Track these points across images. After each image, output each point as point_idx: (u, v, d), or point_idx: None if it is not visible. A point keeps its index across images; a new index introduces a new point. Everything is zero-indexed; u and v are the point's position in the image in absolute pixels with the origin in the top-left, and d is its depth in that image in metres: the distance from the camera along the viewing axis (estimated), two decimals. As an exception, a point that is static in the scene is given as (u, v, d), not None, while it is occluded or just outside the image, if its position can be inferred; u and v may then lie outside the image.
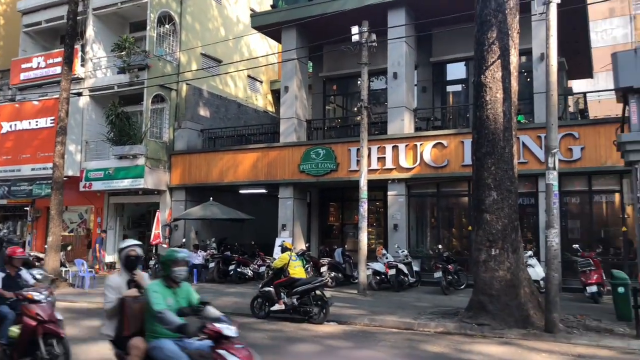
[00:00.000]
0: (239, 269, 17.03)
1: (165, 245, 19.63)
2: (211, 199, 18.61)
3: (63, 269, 16.75)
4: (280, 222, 18.21)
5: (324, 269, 15.79)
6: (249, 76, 26.11)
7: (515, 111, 10.80)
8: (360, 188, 14.42)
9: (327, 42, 18.43)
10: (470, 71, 17.60)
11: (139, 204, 21.90)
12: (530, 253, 13.55)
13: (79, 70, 20.67)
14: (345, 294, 14.07)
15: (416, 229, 17.49)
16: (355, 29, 14.48)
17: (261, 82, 27.25)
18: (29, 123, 21.54)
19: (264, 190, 20.53)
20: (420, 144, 16.09)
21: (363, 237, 14.28)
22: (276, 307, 10.69)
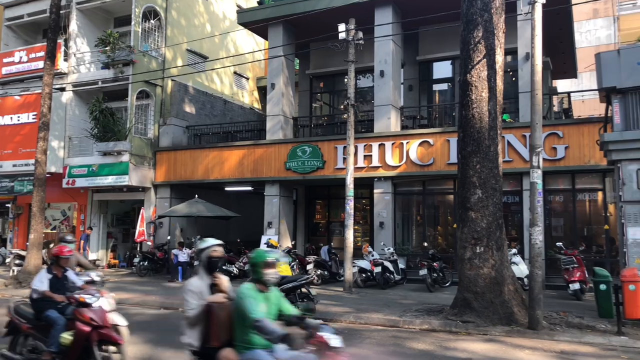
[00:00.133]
0: (224, 267, 16.95)
1: (150, 243, 19.50)
2: (196, 196, 18.48)
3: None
4: (266, 220, 18.16)
5: (310, 267, 15.77)
6: (235, 73, 25.97)
7: (501, 110, 10.87)
8: (347, 186, 14.42)
9: (314, 40, 18.38)
10: (457, 70, 17.70)
11: (123, 201, 21.69)
12: (514, 251, 13.68)
13: (61, 65, 20.36)
14: (331, 292, 14.08)
15: (402, 227, 17.56)
16: (342, 27, 14.47)
17: (247, 79, 27.12)
18: (10, 118, 21.21)
19: (249, 188, 20.45)
20: (407, 142, 16.14)
21: (349, 235, 14.29)
22: (261, 305, 10.63)
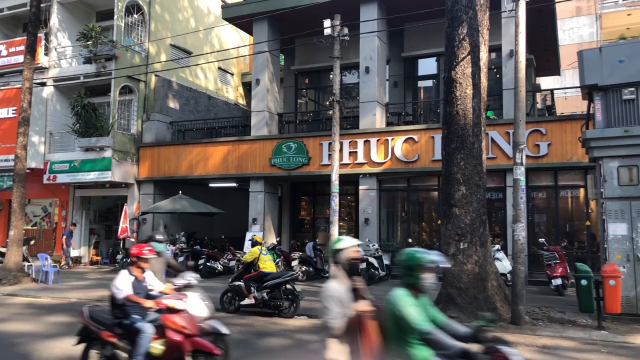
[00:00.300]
0: (208, 263, 16.84)
1: (133, 240, 19.30)
2: (180, 192, 18.33)
3: (26, 264, 16.28)
4: (251, 216, 18.08)
5: (295, 263, 15.74)
6: (219, 68, 25.77)
7: (485, 107, 10.93)
8: (332, 182, 14.41)
9: (299, 35, 18.32)
10: (441, 67, 17.75)
11: (106, 197, 21.45)
12: (497, 247, 13.79)
13: (42, 59, 20.04)
14: (316, 288, 14.06)
15: (387, 223, 17.61)
16: (327, 22, 14.41)
17: (232, 75, 26.95)
18: (-10, 113, 20.81)
19: (234, 184, 20.33)
20: (392, 139, 16.17)
21: (334, 231, 14.29)
22: (246, 302, 10.60)
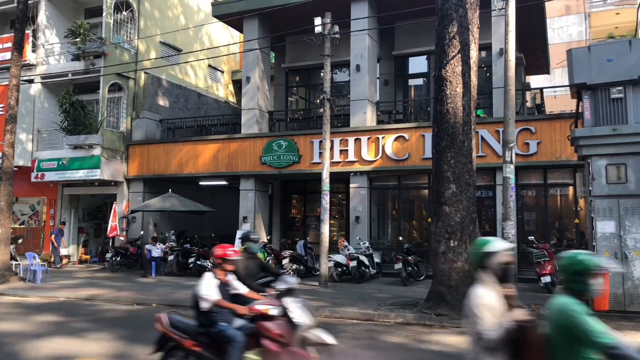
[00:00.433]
0: (198, 262, 16.75)
1: (122, 238, 19.19)
2: (170, 190, 18.24)
3: (13, 263, 16.11)
4: (242, 215, 18.02)
5: (285, 261, 15.71)
6: (209, 66, 25.64)
7: (475, 105, 10.96)
8: (323, 180, 14.40)
9: (290, 33, 18.26)
10: (432, 65, 17.78)
11: (95, 195, 21.27)
12: (487, 244, 13.82)
13: (30, 56, 19.82)
14: (306, 286, 14.05)
15: (377, 221, 17.63)
16: (318, 20, 14.40)
17: (222, 72, 26.82)
18: (-24, 110, 20.56)
19: (224, 182, 20.27)
20: (382, 137, 16.18)
21: (325, 230, 14.29)
22: (236, 300, 10.55)
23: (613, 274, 9.69)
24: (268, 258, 15.40)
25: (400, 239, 16.26)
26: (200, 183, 20.81)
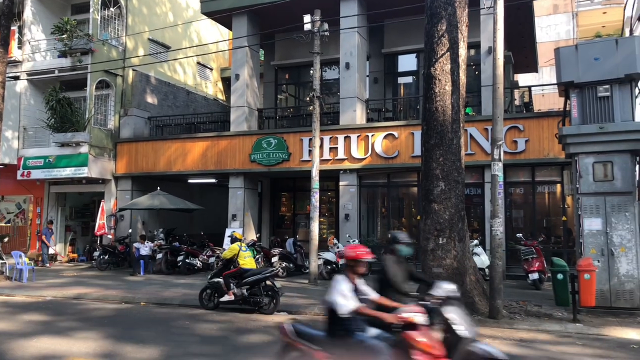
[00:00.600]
0: (187, 260, 16.70)
1: (110, 236, 19.04)
2: (159, 188, 18.12)
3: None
4: (231, 213, 17.96)
5: (275, 259, 15.69)
6: (198, 63, 25.50)
7: (463, 103, 10.99)
8: (312, 178, 14.38)
9: (279, 30, 18.17)
10: (421, 63, 17.82)
11: (82, 193, 21.10)
12: (476, 242, 13.93)
13: (15, 52, 19.60)
14: (296, 284, 14.05)
15: (367, 219, 17.65)
16: (307, 18, 14.35)
17: (211, 70, 26.69)
18: (-39, 107, 20.27)
19: (213, 180, 20.17)
20: (372, 135, 16.20)
21: (315, 227, 14.28)
22: (226, 298, 10.53)
23: (600, 270, 9.79)
24: (258, 256, 15.36)
25: (390, 236, 16.27)
26: (189, 181, 20.70)
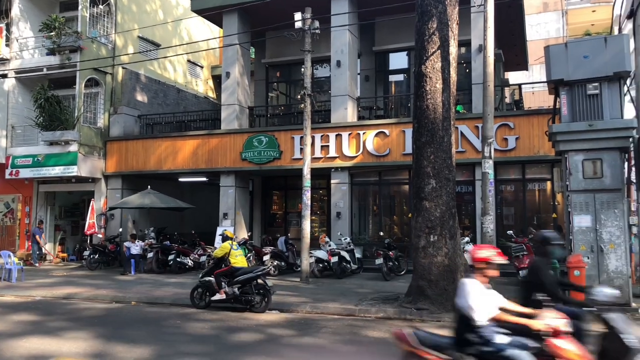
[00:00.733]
0: (178, 259, 16.62)
1: (100, 235, 18.91)
2: (149, 187, 18.01)
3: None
4: (222, 211, 17.91)
5: (266, 258, 15.65)
6: (189, 61, 25.37)
7: (454, 101, 11.02)
8: (304, 176, 14.35)
9: (270, 28, 18.15)
10: (412, 61, 17.84)
11: (72, 192, 20.94)
12: (467, 239, 13.97)
13: (3, 50, 19.41)
14: (288, 282, 14.04)
15: (359, 217, 17.67)
16: (298, 16, 14.31)
17: (202, 67, 26.57)
18: (-53, 106, 20.04)
19: (204, 179, 20.09)
20: (363, 133, 16.21)
21: (306, 226, 14.26)
22: (217, 297, 10.49)
23: (589, 267, 9.86)
24: (249, 254, 15.33)
25: (381, 234, 16.33)
26: (180, 179, 20.60)
